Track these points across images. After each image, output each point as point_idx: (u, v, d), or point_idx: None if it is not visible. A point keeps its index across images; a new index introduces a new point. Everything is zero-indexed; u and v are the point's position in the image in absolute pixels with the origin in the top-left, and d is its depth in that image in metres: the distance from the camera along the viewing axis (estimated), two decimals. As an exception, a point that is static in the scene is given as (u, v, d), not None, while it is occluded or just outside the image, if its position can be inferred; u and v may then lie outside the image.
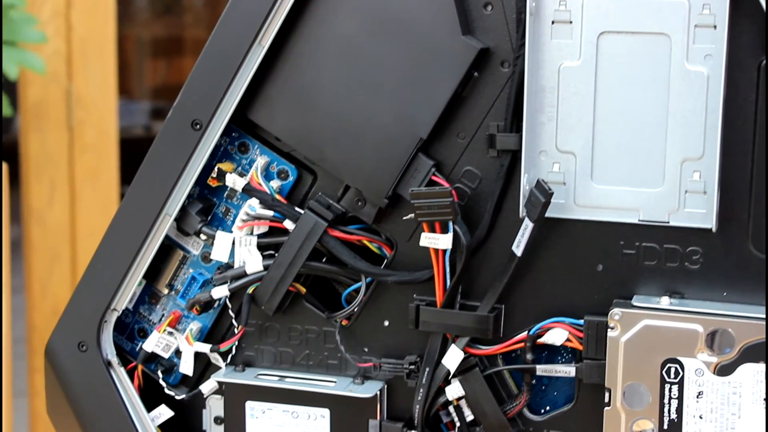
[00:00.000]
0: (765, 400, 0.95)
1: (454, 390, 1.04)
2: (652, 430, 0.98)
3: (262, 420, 1.08)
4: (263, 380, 1.09)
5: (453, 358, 1.03)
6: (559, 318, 1.01)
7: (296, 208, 1.06)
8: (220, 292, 1.08)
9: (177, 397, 1.12)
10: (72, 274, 2.57)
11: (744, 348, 0.95)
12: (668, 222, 0.98)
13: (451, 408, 1.06)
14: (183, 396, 1.12)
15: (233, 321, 1.10)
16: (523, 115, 0.98)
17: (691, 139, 0.96)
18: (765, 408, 0.95)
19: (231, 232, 1.08)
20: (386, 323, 1.07)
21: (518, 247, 1.00)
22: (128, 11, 4.32)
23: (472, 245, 1.02)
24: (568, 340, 1.01)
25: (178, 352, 1.11)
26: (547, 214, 0.98)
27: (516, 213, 1.00)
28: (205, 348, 1.10)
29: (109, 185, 2.60)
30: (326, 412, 1.07)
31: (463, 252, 1.01)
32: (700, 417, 0.96)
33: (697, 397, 0.96)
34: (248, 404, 1.09)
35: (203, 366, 1.12)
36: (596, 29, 0.97)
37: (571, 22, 0.97)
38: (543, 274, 1.02)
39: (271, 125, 1.06)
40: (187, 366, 1.11)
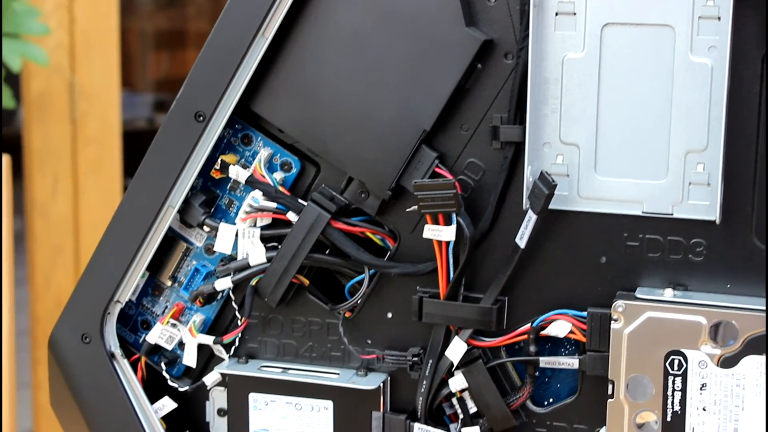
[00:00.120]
0: (766, 392, 0.95)
1: (458, 382, 1.04)
2: (656, 422, 0.98)
3: (266, 412, 1.08)
4: (266, 372, 1.09)
5: (456, 350, 1.03)
6: (563, 310, 1.01)
7: (299, 200, 1.06)
8: (224, 284, 1.08)
9: (180, 389, 1.12)
10: (75, 267, 2.58)
11: (747, 340, 0.95)
12: (672, 214, 0.98)
13: (455, 400, 1.06)
14: (186, 388, 1.12)
15: (236, 313, 1.10)
16: (527, 107, 0.98)
17: (695, 131, 0.96)
18: (765, 399, 0.95)
19: (234, 224, 1.08)
20: (389, 315, 1.07)
21: (522, 239, 1.00)
22: (131, 3, 4.32)
23: (476, 237, 1.02)
24: (572, 332, 1.01)
25: (182, 344, 1.11)
26: (551, 206, 0.98)
27: (519, 205, 1.00)
28: (209, 340, 1.10)
29: (112, 178, 2.60)
30: (329, 404, 1.07)
31: (467, 244, 1.01)
32: (704, 409, 0.96)
33: (701, 389, 0.96)
34: (251, 396, 1.09)
35: (206, 358, 1.13)
36: (600, 21, 0.96)
37: (575, 14, 0.97)
38: (546, 266, 1.02)
39: (275, 117, 1.06)
40: (191, 358, 1.11)
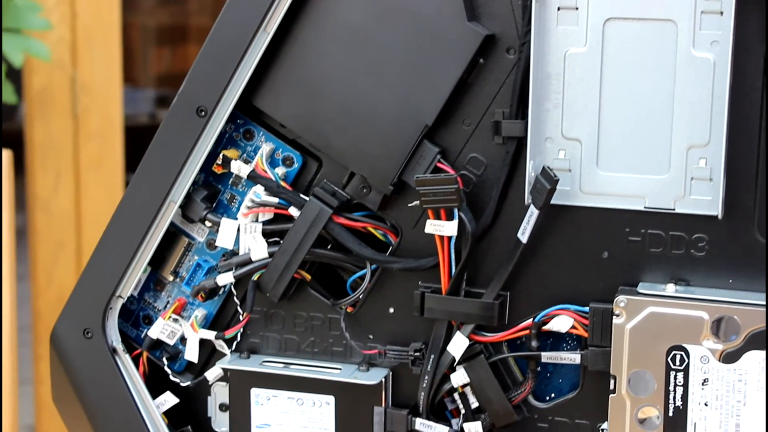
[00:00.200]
0: (766, 387, 0.95)
1: (459, 377, 1.04)
2: (657, 418, 0.98)
3: (267, 407, 1.08)
4: (268, 367, 1.09)
5: (458, 345, 1.03)
6: (565, 305, 1.01)
7: (301, 195, 1.06)
8: (225, 279, 1.08)
9: (182, 384, 1.12)
10: (77, 262, 2.58)
11: (749, 335, 0.95)
12: (674, 209, 0.98)
13: (456, 395, 1.06)
14: (188, 383, 1.12)
15: (238, 308, 1.10)
16: (529, 102, 0.98)
17: (697, 126, 0.96)
18: (765, 394, 0.95)
19: (236, 219, 1.08)
20: (391, 310, 1.07)
21: (523, 234, 1.00)
22: (133, -1, 4.32)
23: (478, 232, 1.02)
24: (574, 327, 1.01)
25: (183, 339, 1.11)
26: (553, 201, 0.98)
27: (521, 200, 1.00)
28: (210, 335, 1.10)
29: (114, 173, 2.60)
30: (331, 399, 1.07)
31: (469, 239, 1.01)
32: (706, 404, 0.96)
33: (703, 385, 0.96)
34: (253, 391, 1.09)
35: (208, 353, 1.13)
36: (602, 15, 0.96)
37: (577, 9, 0.97)
38: (548, 261, 1.02)
39: (276, 112, 1.06)
40: (192, 353, 1.11)
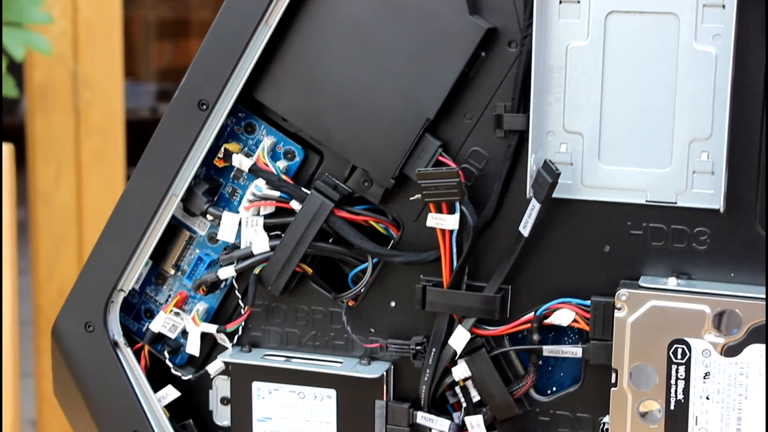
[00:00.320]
0: (765, 381, 0.95)
1: (461, 371, 1.04)
2: (659, 411, 0.98)
3: (269, 400, 1.08)
4: (270, 361, 1.09)
5: (459, 339, 1.03)
6: (566, 299, 1.01)
7: (303, 189, 1.06)
8: (227, 273, 1.08)
9: (183, 378, 1.12)
10: (78, 256, 2.58)
11: (751, 329, 0.95)
12: (676, 202, 0.98)
13: (458, 389, 1.06)
14: (189, 376, 1.12)
15: (240, 301, 1.10)
16: (531, 96, 0.98)
17: (699, 120, 0.96)
18: (765, 388, 0.95)
19: (237, 213, 1.08)
20: (393, 304, 1.07)
21: (525, 228, 1.00)
22: (134, -7, 4.32)
23: (479, 226, 1.02)
24: (575, 321, 1.01)
25: (185, 333, 1.11)
26: (554, 195, 0.98)
27: (523, 193, 1.00)
28: (212, 328, 1.10)
29: (116, 167, 2.60)
30: (333, 393, 1.07)
31: (470, 233, 1.01)
32: (707, 398, 0.96)
33: (704, 378, 0.96)
34: (255, 385, 1.09)
35: (210, 346, 1.13)
36: (604, 9, 0.96)
37: (579, 2, 0.97)
38: (550, 255, 1.02)
39: (278, 105, 1.06)
40: (194, 346, 1.11)
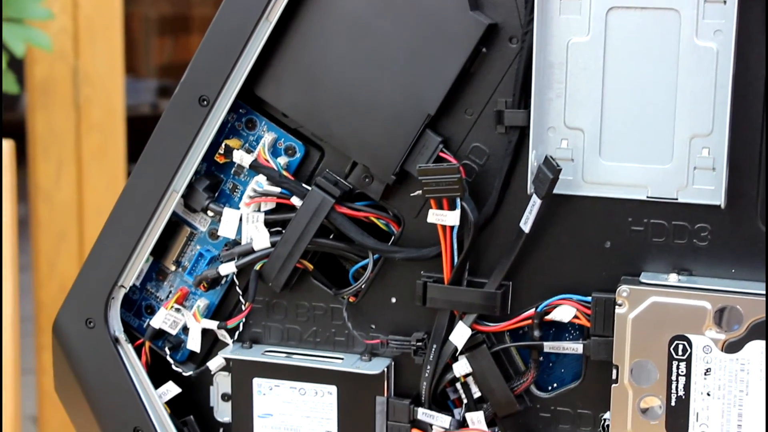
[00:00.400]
0: (765, 377, 0.95)
1: (462, 367, 1.04)
2: (660, 407, 0.98)
3: (270, 396, 1.08)
4: (270, 357, 1.09)
5: (460, 335, 1.03)
6: (567, 295, 1.01)
7: (303, 185, 1.06)
8: (228, 269, 1.08)
9: (184, 374, 1.12)
10: (79, 252, 2.58)
11: (752, 325, 0.95)
12: (677, 199, 0.98)
13: (459, 385, 1.06)
14: (190, 373, 1.12)
15: (240, 298, 1.10)
16: (532, 92, 0.98)
17: (700, 116, 0.95)
18: (765, 384, 0.95)
19: (238, 209, 1.08)
20: (393, 300, 1.07)
21: (526, 224, 1.00)
22: (135, -11, 4.31)
23: (480, 222, 1.02)
24: (576, 317, 1.01)
25: (186, 329, 1.11)
26: (555, 191, 0.98)
27: (524, 190, 1.00)
28: (213, 325, 1.10)
29: (116, 163, 2.60)
30: (333, 389, 1.07)
31: (471, 229, 1.01)
32: (708, 394, 0.96)
33: (705, 374, 0.96)
34: (255, 381, 1.09)
35: (210, 343, 1.13)
36: (605, 4, 0.96)
37: (580, -2, 0.97)
38: (551, 251, 1.02)
39: (279, 101, 1.06)
40: (195, 343, 1.11)
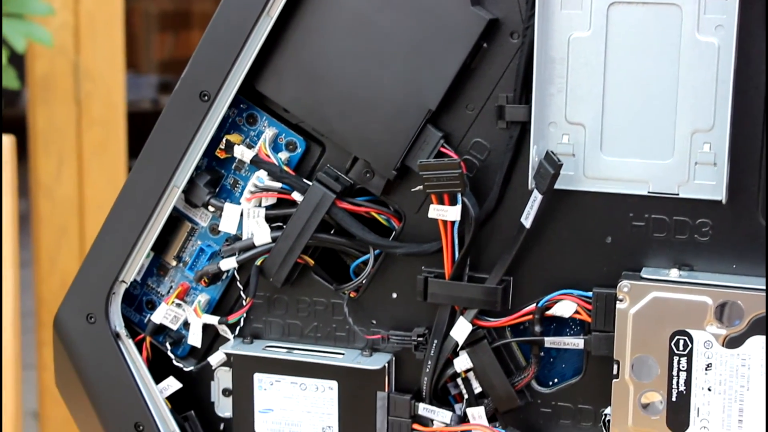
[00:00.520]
0: (766, 372, 0.95)
1: (462, 362, 1.04)
2: (661, 403, 0.97)
3: (271, 392, 1.08)
4: (271, 352, 1.09)
5: (461, 331, 1.03)
6: (568, 290, 1.01)
7: (304, 180, 1.06)
8: (228, 264, 1.08)
9: (185, 369, 1.12)
10: (80, 248, 2.58)
11: (753, 320, 0.94)
12: (678, 194, 0.98)
13: (459, 380, 1.06)
14: (191, 368, 1.12)
15: (241, 293, 1.10)
16: (533, 87, 0.97)
17: (702, 111, 0.95)
18: (765, 379, 0.95)
19: (239, 204, 1.08)
20: (394, 295, 1.07)
21: (527, 219, 1.00)
22: (136, -16, 4.31)
23: (481, 217, 1.01)
24: (577, 312, 1.01)
25: (186, 324, 1.11)
26: (556, 186, 0.98)
27: (525, 185, 1.00)
28: (214, 320, 1.10)
29: (117, 159, 2.59)
30: (334, 384, 1.07)
31: (472, 224, 1.00)
32: (709, 389, 0.96)
33: (706, 370, 0.96)
34: (256, 376, 1.09)
35: (211, 338, 1.13)
36: None
37: (581, -7, 0.97)
38: (552, 246, 1.01)
39: (280, 97, 1.06)
40: (196, 338, 1.11)
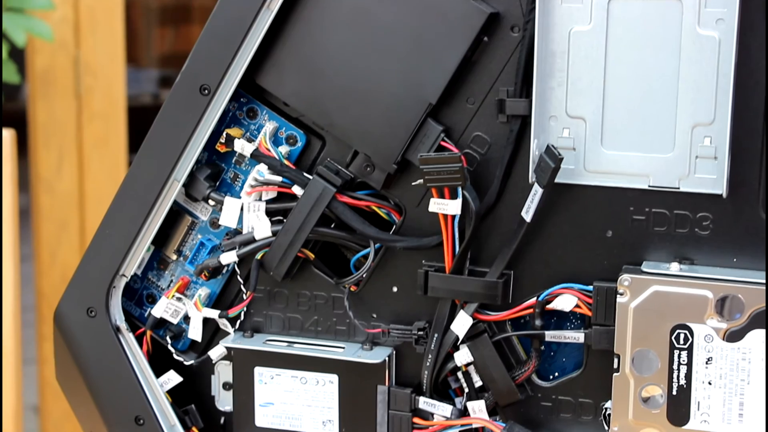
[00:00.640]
0: (765, 365, 0.95)
1: (463, 356, 1.04)
2: (661, 396, 0.98)
3: (271, 385, 1.08)
4: (272, 346, 1.09)
5: (462, 324, 1.03)
6: (568, 284, 1.01)
7: (305, 174, 1.06)
8: (229, 258, 1.08)
9: (186, 363, 1.12)
10: (80, 242, 2.58)
11: (754, 314, 0.94)
12: (678, 188, 0.98)
13: (460, 374, 1.06)
14: (192, 362, 1.12)
15: (242, 287, 1.10)
16: (533, 80, 0.97)
17: (702, 105, 0.95)
18: (765, 372, 0.95)
19: (239, 198, 1.07)
20: (395, 289, 1.07)
21: (527, 213, 0.99)
22: (136, -21, 4.30)
23: (481, 211, 1.01)
24: (577, 306, 1.01)
25: (187, 318, 1.11)
26: (557, 180, 0.98)
27: (525, 179, 1.00)
28: (214, 314, 1.10)
29: (118, 153, 2.59)
30: (335, 378, 1.07)
31: (472, 218, 1.00)
32: (710, 383, 0.96)
33: (707, 363, 0.96)
34: (257, 370, 1.09)
35: (212, 332, 1.13)
36: (607, -7, 0.96)
37: (582, -14, 0.97)
38: (552, 240, 1.01)
39: (280, 90, 1.06)
40: (196, 332, 1.11)
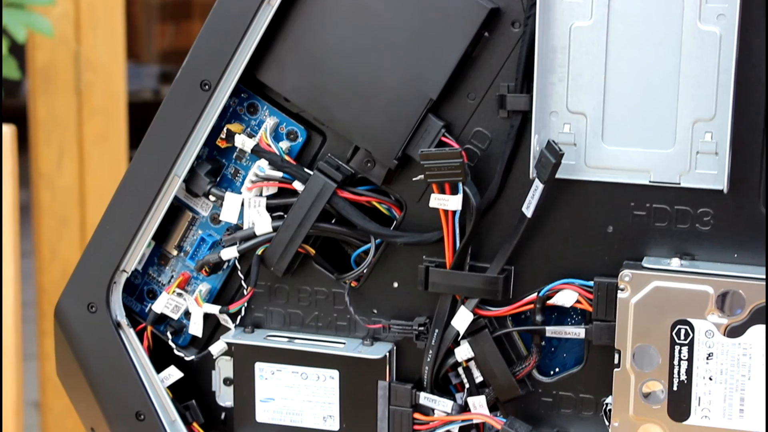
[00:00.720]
0: (766, 361, 0.95)
1: (464, 351, 1.04)
2: (662, 392, 0.98)
3: (272, 381, 1.08)
4: (272, 341, 1.09)
5: (462, 320, 1.03)
6: (569, 279, 1.01)
7: (305, 169, 1.06)
8: (230, 254, 1.08)
9: (186, 359, 1.12)
10: (81, 238, 2.58)
11: (755, 309, 0.94)
12: (679, 183, 0.98)
13: (461, 369, 1.06)
14: (192, 357, 1.12)
15: (242, 282, 1.10)
16: (534, 76, 0.97)
17: (703, 100, 0.95)
18: (765, 368, 0.95)
19: (240, 193, 1.07)
20: (395, 285, 1.07)
21: (528, 209, 0.99)
22: (136, -26, 4.30)
23: (482, 206, 1.01)
24: (578, 302, 1.01)
25: (188, 314, 1.11)
26: (558, 176, 0.98)
27: (526, 174, 1.00)
28: (215, 309, 1.10)
29: (118, 149, 2.59)
30: (335, 374, 1.07)
31: (473, 213, 1.00)
32: (710, 378, 0.96)
33: (707, 359, 0.96)
34: (257, 365, 1.09)
35: (212, 327, 1.13)
36: (608, -12, 0.96)
37: (583, -18, 0.96)
38: (553, 236, 1.01)
39: (281, 86, 1.06)
40: (197, 327, 1.11)
